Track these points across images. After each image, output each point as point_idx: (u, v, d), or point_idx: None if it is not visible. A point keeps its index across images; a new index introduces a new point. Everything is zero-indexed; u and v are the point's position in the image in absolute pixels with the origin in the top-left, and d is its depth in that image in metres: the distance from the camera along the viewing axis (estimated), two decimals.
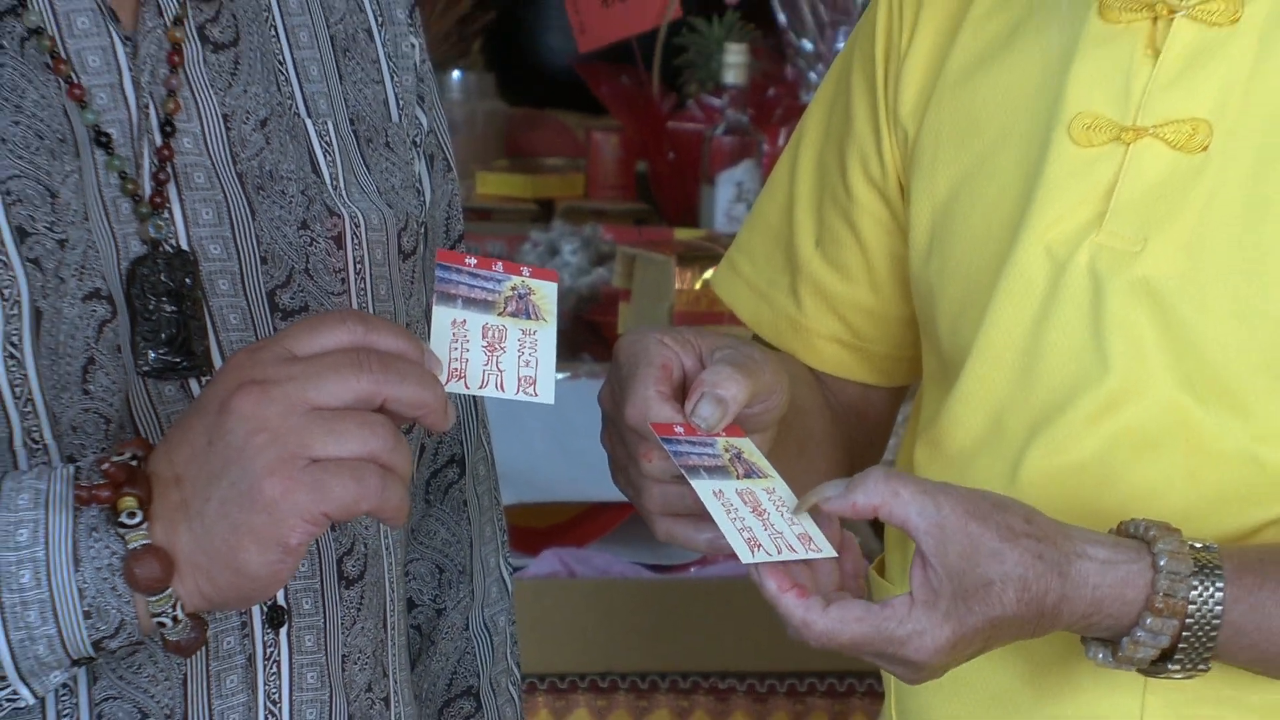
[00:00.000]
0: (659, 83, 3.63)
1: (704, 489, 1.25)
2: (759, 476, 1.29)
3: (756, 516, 1.26)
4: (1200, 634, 1.29)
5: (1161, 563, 1.29)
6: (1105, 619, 1.29)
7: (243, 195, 1.31)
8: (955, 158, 1.47)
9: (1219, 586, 1.29)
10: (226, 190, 1.31)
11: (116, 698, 1.25)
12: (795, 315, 1.59)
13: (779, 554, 1.25)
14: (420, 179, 1.44)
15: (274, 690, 1.30)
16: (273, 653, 1.30)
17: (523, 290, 1.25)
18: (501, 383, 1.22)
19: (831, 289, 1.58)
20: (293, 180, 1.34)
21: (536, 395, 1.23)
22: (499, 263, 1.25)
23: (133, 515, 1.14)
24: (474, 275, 1.24)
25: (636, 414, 1.29)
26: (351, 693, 1.35)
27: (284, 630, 1.30)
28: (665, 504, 1.31)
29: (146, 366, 1.25)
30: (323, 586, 1.33)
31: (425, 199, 1.44)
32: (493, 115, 4.02)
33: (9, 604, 1.14)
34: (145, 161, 1.28)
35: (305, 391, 1.13)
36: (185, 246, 1.28)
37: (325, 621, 1.32)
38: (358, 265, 1.35)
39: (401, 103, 1.43)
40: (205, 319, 1.28)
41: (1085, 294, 1.38)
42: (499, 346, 1.23)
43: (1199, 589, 1.29)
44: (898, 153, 1.53)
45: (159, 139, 1.29)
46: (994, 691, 1.44)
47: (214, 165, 1.31)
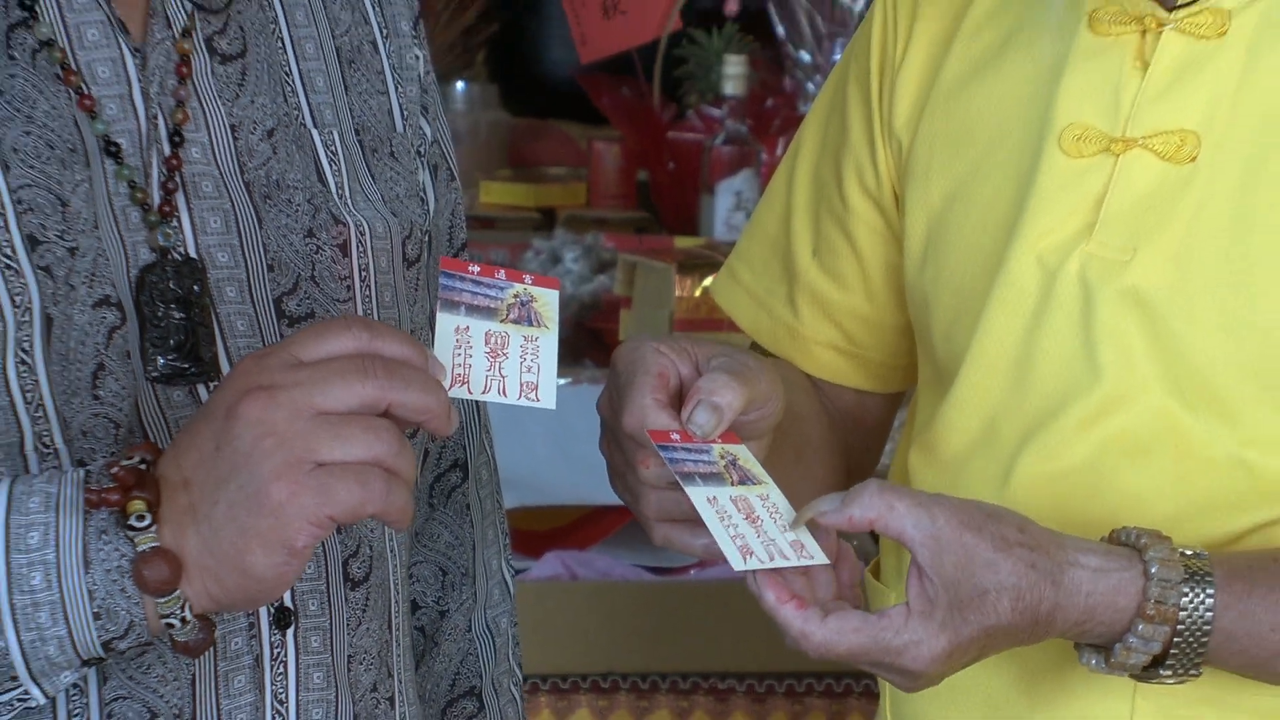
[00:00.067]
0: (659, 93, 3.63)
1: (698, 496, 1.25)
2: (753, 483, 1.29)
3: (750, 523, 1.26)
4: (1191, 640, 1.30)
5: (1153, 570, 1.29)
6: (1098, 626, 1.30)
7: (250, 204, 1.31)
8: (949, 168, 1.47)
9: (1209, 593, 1.30)
10: (234, 199, 1.31)
11: (126, 697, 1.25)
12: (793, 323, 1.59)
13: (771, 561, 1.24)
14: (424, 188, 1.44)
15: (281, 690, 1.30)
16: (280, 653, 1.30)
17: (525, 297, 1.25)
18: (504, 388, 1.23)
19: (828, 297, 1.58)
20: (299, 189, 1.34)
21: (538, 401, 1.23)
22: (501, 270, 1.25)
23: (142, 518, 1.15)
24: (477, 283, 1.24)
25: (634, 421, 1.29)
26: (357, 693, 1.35)
27: (291, 631, 1.30)
28: (662, 510, 1.31)
29: (155, 372, 1.26)
30: (329, 588, 1.33)
31: (429, 208, 1.44)
32: (496, 125, 4.01)
33: (20, 606, 1.14)
34: (154, 171, 1.28)
35: (311, 397, 1.14)
36: (193, 254, 1.28)
37: (331, 622, 1.33)
38: (363, 273, 1.36)
39: (406, 113, 1.43)
40: (213, 325, 1.28)
41: (1076, 303, 1.38)
42: (501, 353, 1.23)
43: (1190, 596, 1.29)
44: (892, 163, 1.53)
45: (167, 149, 1.29)
46: (987, 696, 1.44)
47: (222, 174, 1.31)
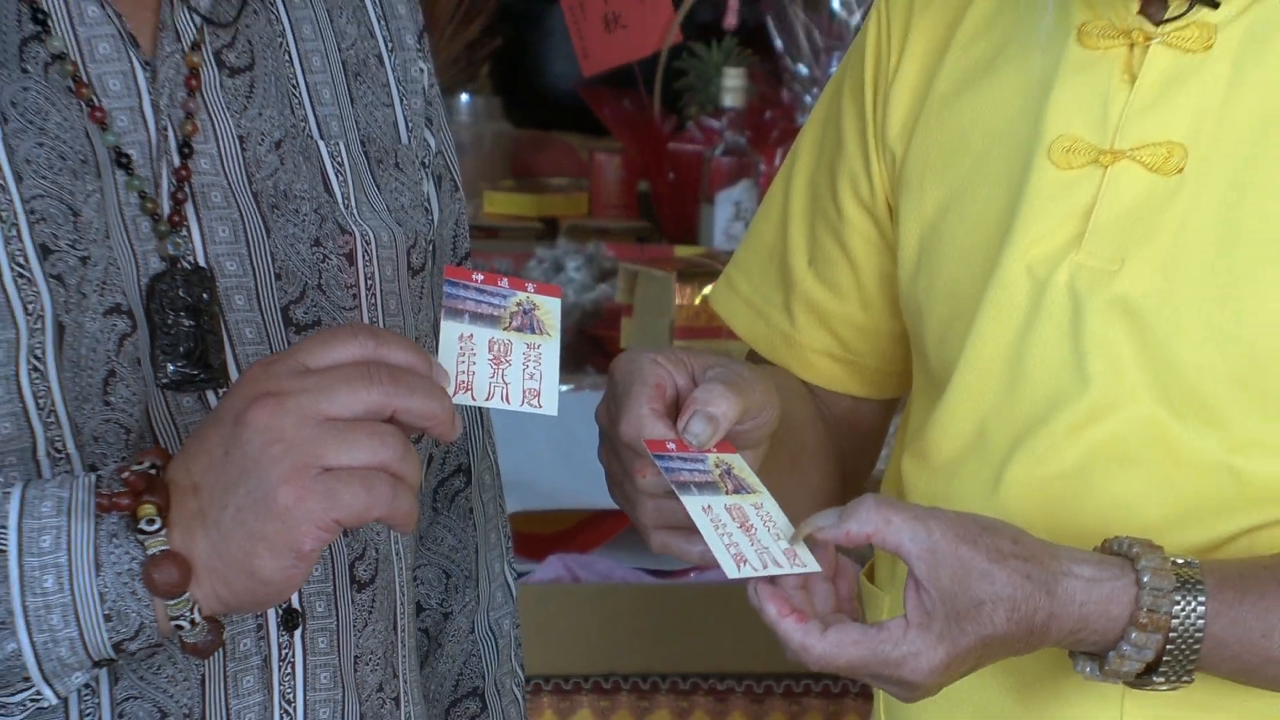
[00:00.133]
0: (660, 105, 3.62)
1: (693, 505, 1.25)
2: (748, 492, 1.29)
3: (744, 532, 1.26)
4: (1184, 647, 1.30)
5: (1145, 579, 1.30)
6: (1092, 634, 1.30)
7: (258, 214, 1.33)
8: (941, 179, 1.48)
9: (1201, 601, 1.30)
10: (242, 209, 1.32)
11: (137, 697, 1.26)
12: (789, 331, 1.60)
13: (765, 569, 1.25)
14: (429, 199, 1.45)
15: (289, 690, 1.31)
16: (287, 654, 1.31)
17: (528, 305, 1.26)
18: (507, 395, 1.23)
19: (824, 306, 1.58)
20: (306, 199, 1.35)
21: (541, 407, 1.24)
22: (505, 279, 1.26)
23: (152, 522, 1.16)
24: (480, 291, 1.25)
25: (631, 431, 1.30)
26: (363, 693, 1.36)
27: (298, 632, 1.31)
28: (659, 517, 1.32)
29: (165, 379, 1.27)
30: (335, 590, 1.34)
31: (433, 218, 1.45)
32: (500, 137, 4.01)
33: (33, 608, 1.16)
34: (164, 181, 1.29)
35: (318, 403, 1.15)
36: (203, 263, 1.29)
37: (338, 624, 1.34)
38: (369, 281, 1.37)
39: (410, 125, 1.44)
40: (222, 333, 1.30)
41: (1065, 311, 1.39)
42: (504, 360, 1.24)
43: (1181, 604, 1.30)
44: (886, 174, 1.53)
45: (177, 160, 1.30)
46: (981, 704, 1.45)
47: (230, 185, 1.32)
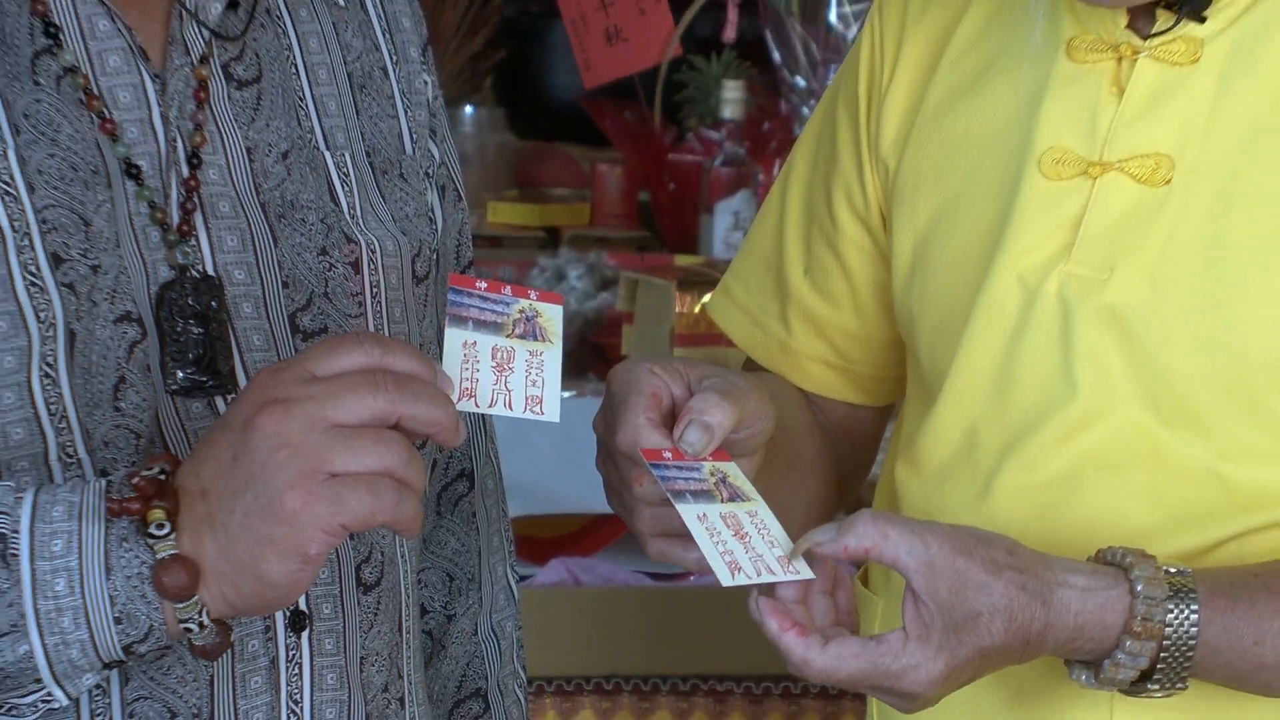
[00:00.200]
0: (660, 117, 3.64)
1: (689, 513, 1.26)
2: (743, 500, 1.30)
3: (738, 539, 1.27)
4: (1177, 655, 1.32)
5: (1139, 588, 1.31)
6: (1087, 643, 1.32)
7: (265, 223, 1.34)
8: (934, 190, 1.49)
9: (1194, 609, 1.31)
10: (250, 219, 1.33)
11: (147, 698, 1.27)
12: (785, 339, 1.61)
13: (758, 577, 1.26)
14: (433, 208, 1.46)
15: (296, 691, 1.32)
16: (294, 655, 1.32)
17: (530, 313, 1.27)
18: (510, 401, 1.24)
19: (819, 315, 1.59)
20: (312, 209, 1.36)
21: (543, 414, 1.25)
22: (508, 287, 1.27)
23: (161, 527, 1.17)
24: (484, 299, 1.26)
25: (627, 440, 1.31)
26: (369, 693, 1.37)
27: (305, 634, 1.33)
28: (656, 525, 1.33)
29: (175, 385, 1.28)
30: (342, 592, 1.35)
31: (437, 227, 1.46)
32: (503, 148, 4.03)
33: (44, 611, 1.17)
34: (173, 192, 1.31)
35: (325, 410, 1.16)
36: (211, 272, 1.31)
37: (344, 625, 1.35)
38: (374, 289, 1.38)
39: (415, 136, 1.45)
40: (230, 340, 1.31)
41: (1055, 320, 1.40)
42: (507, 367, 1.25)
43: (1175, 612, 1.31)
44: (879, 185, 1.54)
45: (186, 171, 1.31)
46: (973, 711, 1.45)
47: (238, 195, 1.33)
